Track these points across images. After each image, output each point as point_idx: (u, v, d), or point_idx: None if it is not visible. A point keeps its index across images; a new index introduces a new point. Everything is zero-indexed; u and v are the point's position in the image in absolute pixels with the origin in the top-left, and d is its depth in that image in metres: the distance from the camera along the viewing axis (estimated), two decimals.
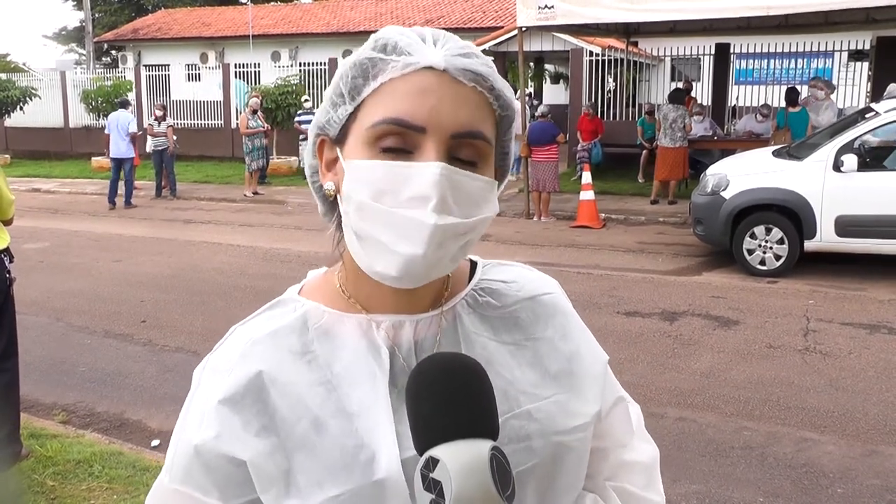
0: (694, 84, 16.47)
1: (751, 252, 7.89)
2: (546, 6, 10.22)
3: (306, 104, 15.77)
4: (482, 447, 0.69)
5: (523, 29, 11.13)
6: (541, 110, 11.48)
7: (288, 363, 0.82)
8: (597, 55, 16.50)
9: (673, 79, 19.51)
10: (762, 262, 7.84)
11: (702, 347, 5.67)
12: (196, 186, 15.79)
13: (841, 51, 15.41)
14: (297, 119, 15.80)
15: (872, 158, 7.73)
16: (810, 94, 11.76)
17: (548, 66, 22.91)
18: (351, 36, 22.66)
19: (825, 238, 7.61)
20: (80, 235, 10.90)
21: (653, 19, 11.13)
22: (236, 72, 20.23)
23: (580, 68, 16.67)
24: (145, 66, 23.58)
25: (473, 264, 0.95)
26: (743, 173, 8.24)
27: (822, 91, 11.43)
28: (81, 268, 8.72)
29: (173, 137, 14.53)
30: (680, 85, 15.80)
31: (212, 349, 0.88)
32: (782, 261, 7.76)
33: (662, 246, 9.37)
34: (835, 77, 15.85)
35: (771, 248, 7.81)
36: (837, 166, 7.50)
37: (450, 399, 0.72)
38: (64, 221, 12.17)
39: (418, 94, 0.76)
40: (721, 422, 4.42)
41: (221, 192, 14.91)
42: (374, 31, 0.85)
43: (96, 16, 33.15)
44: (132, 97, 20.31)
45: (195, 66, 24.46)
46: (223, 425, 0.80)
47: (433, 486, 0.69)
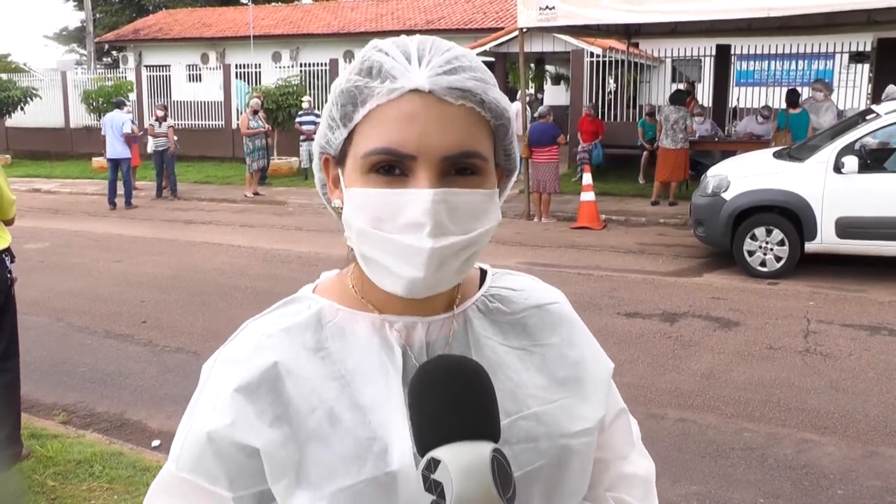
0: (695, 85, 16.47)
1: (751, 253, 7.89)
2: (547, 7, 10.22)
3: (306, 105, 15.80)
4: (483, 449, 0.70)
5: (524, 30, 11.14)
6: (540, 111, 11.45)
7: (303, 357, 0.83)
8: (598, 56, 16.50)
9: (674, 80, 19.51)
10: (763, 264, 7.84)
11: (702, 348, 5.67)
12: (197, 187, 15.81)
13: (842, 52, 15.40)
14: (297, 120, 15.82)
15: (873, 160, 7.73)
16: (811, 95, 11.77)
17: (549, 67, 22.89)
18: (352, 37, 22.67)
19: (826, 239, 7.61)
20: (80, 236, 10.90)
21: (654, 20, 11.12)
22: (237, 72, 20.24)
23: (581, 69, 16.67)
24: (146, 66, 23.59)
25: (483, 272, 0.97)
26: (744, 175, 8.24)
27: (821, 93, 11.44)
28: (82, 268, 8.73)
29: (174, 138, 14.55)
30: (681, 86, 15.82)
31: (213, 349, 0.88)
32: (783, 262, 7.76)
33: (663, 247, 9.37)
34: (835, 79, 15.85)
35: (771, 249, 7.81)
36: (838, 168, 7.51)
37: (453, 401, 0.73)
38: (64, 222, 12.18)
39: (406, 122, 0.76)
40: (721, 423, 4.42)
41: (222, 193, 14.92)
42: (374, 32, 0.86)
43: (97, 16, 33.18)
44: (133, 97, 20.35)
45: (196, 66, 24.49)
46: (238, 413, 0.80)
47: (434, 488, 0.69)
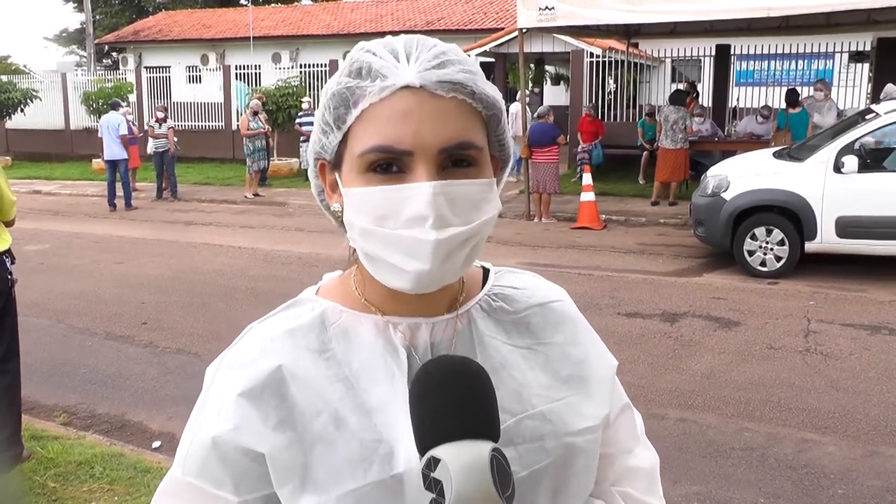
0: (695, 85, 16.46)
1: (751, 253, 7.89)
2: (546, 8, 10.22)
3: (306, 105, 15.80)
4: (483, 448, 0.70)
5: (524, 30, 11.13)
6: (540, 111, 11.43)
7: (307, 360, 0.83)
8: (597, 56, 16.50)
9: (673, 80, 19.51)
10: (763, 264, 7.84)
11: (702, 348, 5.67)
12: (197, 188, 15.81)
13: (841, 52, 15.40)
14: (297, 121, 15.82)
15: (873, 160, 7.73)
16: (811, 95, 11.78)
17: (548, 67, 22.88)
18: (351, 38, 22.67)
19: (826, 239, 7.61)
20: (80, 237, 10.91)
21: (653, 20, 11.12)
22: (237, 73, 20.24)
23: (581, 70, 16.67)
24: (146, 67, 23.60)
25: (486, 271, 0.97)
26: (743, 174, 8.24)
27: (820, 92, 11.45)
28: (82, 269, 8.73)
29: (174, 139, 14.56)
30: (681, 86, 15.81)
31: (214, 350, 0.88)
32: (783, 262, 7.76)
33: (663, 247, 9.37)
34: (835, 78, 15.86)
35: (771, 249, 7.81)
36: (838, 167, 7.51)
37: (454, 401, 0.73)
38: (65, 223, 12.19)
39: (399, 118, 0.76)
40: (722, 423, 4.42)
41: (222, 194, 14.92)
42: (374, 33, 0.86)
43: (97, 18, 33.18)
44: (133, 99, 20.37)
45: (196, 67, 24.49)
46: (242, 418, 0.80)
47: (434, 486, 0.69)
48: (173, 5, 33.38)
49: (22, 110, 20.55)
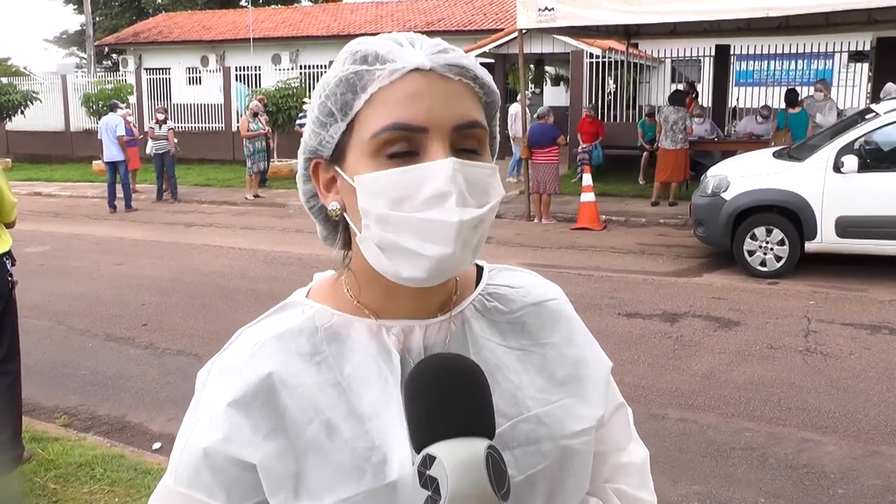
0: (694, 85, 16.47)
1: (751, 253, 7.89)
2: (546, 8, 10.23)
3: (306, 107, 15.80)
4: (478, 446, 0.71)
5: (524, 31, 11.14)
6: (540, 111, 11.42)
7: (297, 365, 0.82)
8: (597, 57, 16.51)
9: (673, 80, 19.52)
10: (763, 264, 7.84)
11: (703, 349, 5.67)
12: (197, 189, 15.81)
13: (841, 52, 15.40)
14: (297, 122, 15.84)
15: (873, 159, 7.73)
16: (811, 95, 11.79)
17: (548, 68, 22.91)
18: (351, 39, 22.54)
19: (826, 239, 7.61)
20: (81, 239, 10.91)
21: (653, 21, 11.12)
22: (237, 75, 20.24)
23: (580, 70, 16.68)
24: (146, 69, 23.62)
25: (479, 269, 0.95)
26: (743, 175, 8.24)
27: (820, 93, 11.46)
28: (82, 271, 8.74)
29: (174, 140, 14.57)
30: (680, 86, 15.81)
31: (214, 352, 0.87)
32: (783, 262, 7.76)
33: (663, 247, 9.37)
34: (835, 78, 15.85)
35: (771, 249, 7.81)
36: (838, 167, 7.51)
37: (448, 399, 0.73)
38: (65, 225, 12.19)
39: (412, 97, 0.77)
40: (722, 423, 4.42)
41: (222, 196, 14.93)
42: (374, 34, 0.86)
43: (97, 19, 33.20)
44: (133, 100, 20.38)
45: (196, 69, 24.51)
46: (232, 428, 0.79)
47: (430, 483, 0.69)
48: (173, 7, 33.40)
49: (22, 112, 20.56)
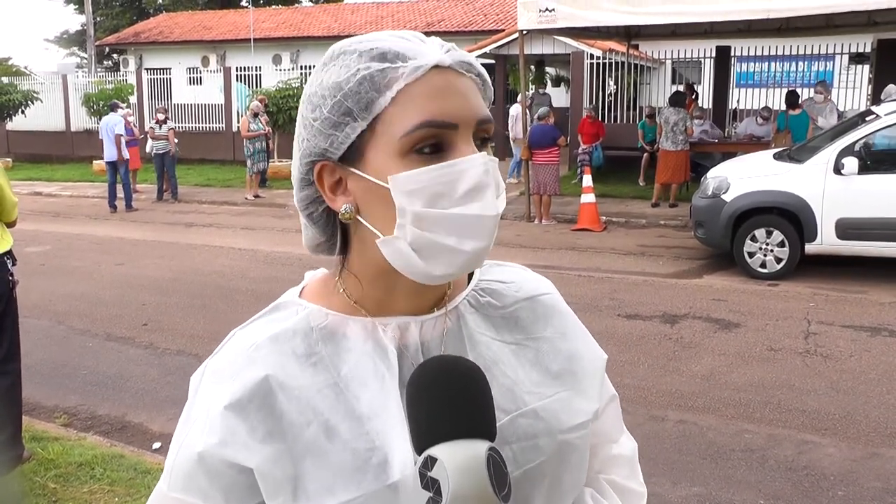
0: (694, 87, 16.48)
1: (751, 255, 7.89)
2: (547, 9, 10.23)
3: None
4: (479, 447, 0.71)
5: (524, 32, 11.14)
6: (540, 112, 11.41)
7: (293, 366, 0.81)
8: (598, 58, 16.51)
9: (674, 82, 19.51)
10: (763, 265, 7.84)
11: (702, 350, 5.67)
12: (197, 190, 15.82)
13: (842, 53, 15.41)
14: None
15: (873, 161, 7.73)
16: (811, 97, 11.80)
17: (549, 69, 22.90)
18: None
19: (826, 241, 7.61)
20: (81, 239, 10.92)
21: (653, 22, 11.11)
22: (237, 75, 20.25)
23: (581, 71, 16.68)
24: (147, 69, 23.64)
25: None
26: (744, 176, 8.24)
27: (820, 94, 11.46)
28: (83, 271, 8.74)
29: (175, 140, 14.57)
30: (681, 88, 15.82)
31: (211, 354, 0.87)
32: (783, 263, 7.76)
33: (663, 249, 9.37)
34: (835, 80, 15.86)
35: (772, 250, 7.81)
36: (838, 169, 7.51)
37: (450, 401, 0.73)
38: (65, 225, 12.19)
39: (439, 94, 0.77)
40: (722, 424, 4.42)
41: (223, 196, 14.93)
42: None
43: (98, 19, 33.21)
44: (133, 100, 20.38)
45: (196, 69, 24.54)
46: (228, 432, 0.78)
47: (431, 485, 0.69)
48: (174, 7, 33.42)
49: (23, 112, 20.58)
